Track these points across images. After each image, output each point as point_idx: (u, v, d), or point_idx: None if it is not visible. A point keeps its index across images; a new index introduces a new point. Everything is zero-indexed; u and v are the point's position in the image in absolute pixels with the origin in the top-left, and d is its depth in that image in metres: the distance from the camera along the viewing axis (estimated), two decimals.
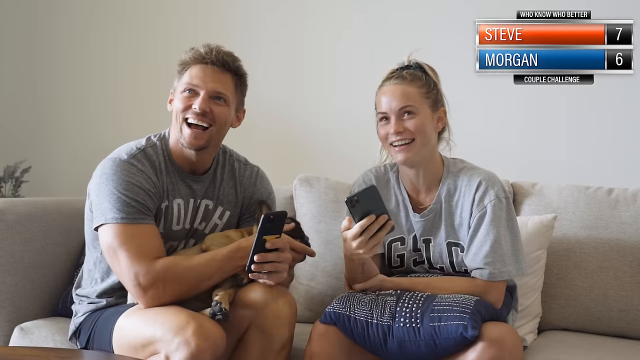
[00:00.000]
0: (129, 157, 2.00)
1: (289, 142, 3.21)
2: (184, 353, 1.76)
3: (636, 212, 2.35)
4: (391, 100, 2.02)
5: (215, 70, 2.04)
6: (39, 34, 3.61)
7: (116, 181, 1.95)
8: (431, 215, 2.06)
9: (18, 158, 3.46)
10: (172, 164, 2.07)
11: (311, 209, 2.57)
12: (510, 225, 2.00)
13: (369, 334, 1.89)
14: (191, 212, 2.08)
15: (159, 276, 1.88)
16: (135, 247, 1.90)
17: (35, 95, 3.63)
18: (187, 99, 2.02)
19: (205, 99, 2.02)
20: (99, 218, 1.95)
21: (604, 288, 2.32)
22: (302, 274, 2.54)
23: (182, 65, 2.07)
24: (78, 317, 2.08)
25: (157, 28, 3.39)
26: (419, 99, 2.02)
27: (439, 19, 2.96)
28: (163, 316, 1.84)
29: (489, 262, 1.95)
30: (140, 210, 1.94)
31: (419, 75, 2.05)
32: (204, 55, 2.04)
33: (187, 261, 1.91)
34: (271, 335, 1.91)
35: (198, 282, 1.91)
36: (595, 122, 2.79)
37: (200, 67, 2.04)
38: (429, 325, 1.83)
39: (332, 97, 3.14)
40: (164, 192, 2.03)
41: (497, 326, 1.85)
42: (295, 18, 3.19)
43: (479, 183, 2.01)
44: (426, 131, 2.02)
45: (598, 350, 2.12)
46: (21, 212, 2.41)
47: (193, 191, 2.09)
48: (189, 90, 2.03)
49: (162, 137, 2.10)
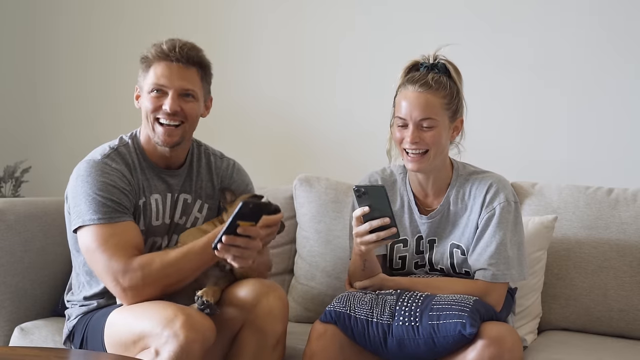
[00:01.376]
0: (102, 157, 2.02)
1: (289, 142, 3.20)
2: (173, 346, 1.76)
3: (636, 212, 2.35)
4: (413, 108, 1.99)
5: (181, 67, 2.03)
6: (38, 34, 3.61)
7: (91, 182, 1.97)
8: (438, 216, 2.06)
9: (18, 158, 3.45)
10: (145, 161, 2.08)
11: (311, 209, 2.57)
12: (518, 229, 2.00)
13: (369, 333, 1.89)
14: (170, 207, 2.09)
15: (136, 273, 1.89)
16: (113, 246, 1.91)
17: (35, 96, 3.63)
18: (156, 99, 2.02)
19: (174, 98, 2.02)
20: (76, 220, 1.97)
21: (604, 288, 2.32)
22: (302, 274, 2.54)
23: (145, 62, 2.05)
24: (71, 320, 2.09)
25: (157, 28, 3.39)
26: (440, 110, 1.99)
27: (441, 20, 2.96)
28: (151, 311, 1.85)
29: (493, 263, 1.95)
30: (115, 209, 1.95)
31: (444, 82, 2.01)
32: (167, 52, 2.02)
33: (164, 256, 1.92)
34: (265, 331, 1.92)
35: (178, 275, 1.92)
36: (595, 122, 2.79)
37: (166, 65, 2.02)
38: (428, 324, 1.83)
39: (333, 97, 3.13)
40: (139, 189, 2.04)
41: (497, 325, 1.85)
42: (296, 18, 3.19)
43: (489, 185, 2.01)
44: (441, 142, 2.01)
45: (598, 350, 2.12)
46: (21, 212, 2.41)
47: (169, 186, 2.10)
48: (157, 90, 2.02)
49: (134, 136, 2.12)
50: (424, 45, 2.95)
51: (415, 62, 2.07)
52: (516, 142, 2.87)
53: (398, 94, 2.05)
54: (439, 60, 2.06)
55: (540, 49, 2.84)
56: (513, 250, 1.97)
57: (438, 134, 1.99)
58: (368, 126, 3.04)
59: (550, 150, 2.84)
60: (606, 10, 2.76)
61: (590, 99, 2.79)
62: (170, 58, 2.02)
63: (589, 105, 2.80)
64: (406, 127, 2.00)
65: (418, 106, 1.98)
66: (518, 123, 2.88)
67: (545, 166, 2.82)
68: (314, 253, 2.52)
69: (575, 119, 2.82)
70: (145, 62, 2.05)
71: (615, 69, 2.76)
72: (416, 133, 1.98)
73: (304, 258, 2.55)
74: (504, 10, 2.89)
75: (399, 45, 3.00)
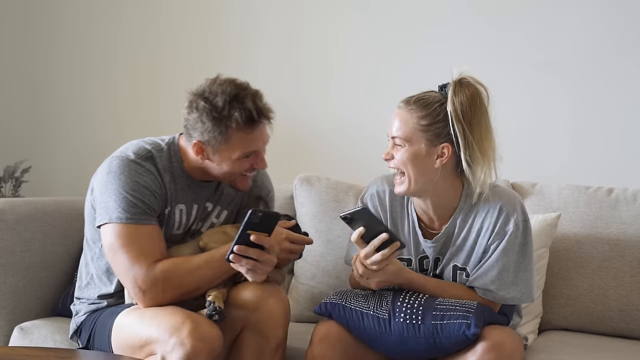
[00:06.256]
0: (136, 157, 1.98)
1: (290, 142, 3.20)
2: (179, 354, 1.76)
3: (636, 212, 2.35)
4: (390, 124, 1.94)
5: (264, 125, 1.99)
6: (40, 34, 3.61)
7: (123, 180, 1.93)
8: (442, 239, 1.98)
9: (18, 158, 3.46)
10: (180, 170, 2.04)
11: (311, 208, 2.57)
12: (526, 250, 1.92)
13: (364, 325, 1.88)
14: (194, 217, 2.07)
15: (158, 280, 1.88)
16: (137, 249, 1.89)
17: (35, 95, 3.63)
18: (246, 162, 1.98)
19: (263, 157, 2.01)
20: (103, 216, 1.94)
21: (604, 288, 2.32)
22: (302, 274, 2.54)
23: (226, 129, 1.92)
24: (79, 316, 2.08)
25: (157, 28, 3.39)
26: (414, 131, 1.89)
27: (442, 18, 2.96)
28: (159, 316, 1.84)
29: (493, 288, 1.91)
30: (145, 211, 1.93)
31: (429, 102, 1.90)
32: (254, 117, 1.93)
33: (187, 264, 1.90)
34: (266, 335, 1.91)
35: (199, 284, 1.91)
36: (595, 122, 2.79)
37: (257, 129, 1.96)
38: (431, 323, 1.82)
39: (333, 97, 3.13)
40: (167, 197, 2.01)
41: (498, 330, 1.84)
42: (295, 18, 3.19)
43: (499, 210, 1.91)
44: (417, 165, 1.89)
45: (598, 350, 2.13)
46: (21, 212, 2.41)
47: (198, 197, 2.07)
48: (248, 156, 1.98)
49: (172, 143, 2.06)
50: (424, 44, 2.98)
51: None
52: (516, 142, 2.87)
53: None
54: (451, 82, 1.91)
55: (541, 49, 2.84)
56: (518, 274, 1.90)
57: (410, 154, 1.89)
58: (368, 126, 3.04)
59: (551, 150, 2.84)
60: (608, 10, 2.76)
61: (590, 99, 2.79)
62: (256, 121, 1.95)
63: (590, 105, 2.80)
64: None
65: (393, 122, 1.92)
66: (518, 123, 2.87)
67: (545, 166, 2.83)
68: (314, 253, 2.52)
69: (576, 119, 2.82)
70: (222, 126, 1.92)
71: (616, 69, 2.76)
72: (389, 149, 1.94)
73: (305, 258, 2.54)
74: (505, 9, 2.89)
75: (399, 45, 3.00)
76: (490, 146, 1.91)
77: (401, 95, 2.00)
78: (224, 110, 1.91)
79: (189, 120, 1.95)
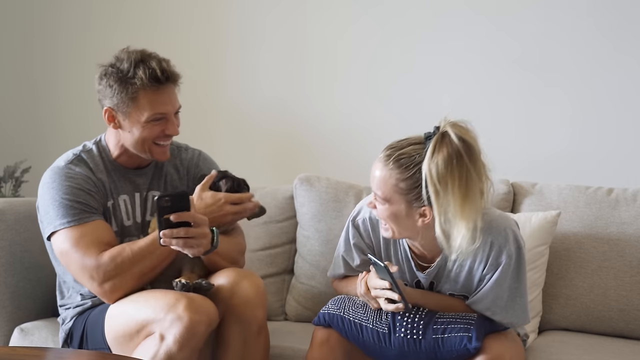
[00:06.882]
0: (66, 163, 2.04)
1: (290, 142, 3.20)
2: (178, 328, 1.77)
3: (636, 212, 2.35)
4: (371, 176, 1.83)
5: (171, 87, 2.02)
6: (38, 35, 3.61)
7: (56, 188, 1.99)
8: (436, 271, 1.92)
9: (18, 158, 3.45)
10: (111, 164, 2.08)
11: (312, 208, 2.57)
12: (519, 275, 1.87)
13: (363, 337, 1.89)
14: (139, 206, 2.10)
15: (108, 266, 1.90)
16: (84, 245, 1.93)
17: (35, 95, 3.63)
18: (157, 127, 2.01)
19: (174, 121, 2.03)
20: (48, 227, 1.99)
21: (604, 288, 2.32)
22: (302, 273, 2.55)
23: (131, 88, 1.95)
24: (66, 323, 2.09)
25: (156, 28, 3.39)
26: (392, 193, 1.79)
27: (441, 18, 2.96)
28: (152, 299, 1.86)
29: (489, 314, 1.89)
30: (83, 210, 1.97)
31: (407, 166, 1.77)
32: (159, 76, 1.96)
33: (133, 245, 1.93)
34: (246, 320, 1.92)
35: (151, 262, 1.93)
36: (595, 122, 2.79)
37: (162, 91, 1.98)
38: (432, 337, 1.82)
39: (333, 97, 3.13)
40: (106, 191, 2.05)
41: (498, 342, 1.83)
42: (295, 18, 3.18)
43: (490, 246, 1.83)
44: (399, 224, 1.82)
45: (598, 350, 2.13)
46: (21, 212, 2.41)
47: (137, 185, 2.11)
48: (158, 119, 2.00)
49: (98, 141, 2.12)
50: (424, 44, 2.97)
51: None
52: (516, 142, 2.87)
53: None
54: (441, 133, 1.74)
55: (541, 48, 2.84)
56: (515, 299, 1.88)
57: (390, 213, 1.81)
58: (368, 126, 3.04)
59: (551, 150, 2.84)
60: (607, 9, 2.76)
61: (590, 99, 2.79)
62: (162, 81, 1.98)
63: (590, 105, 2.80)
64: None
65: (374, 176, 1.82)
66: (518, 123, 2.88)
67: (545, 166, 2.82)
68: (314, 252, 2.52)
69: (576, 119, 2.81)
70: (131, 87, 1.96)
71: (616, 69, 2.75)
72: (372, 200, 1.86)
73: (305, 257, 2.55)
74: (504, 9, 2.89)
75: (399, 45, 3.00)
76: (473, 209, 1.73)
77: (401, 95, 2.01)
78: (129, 72, 1.97)
79: (100, 89, 2.02)
